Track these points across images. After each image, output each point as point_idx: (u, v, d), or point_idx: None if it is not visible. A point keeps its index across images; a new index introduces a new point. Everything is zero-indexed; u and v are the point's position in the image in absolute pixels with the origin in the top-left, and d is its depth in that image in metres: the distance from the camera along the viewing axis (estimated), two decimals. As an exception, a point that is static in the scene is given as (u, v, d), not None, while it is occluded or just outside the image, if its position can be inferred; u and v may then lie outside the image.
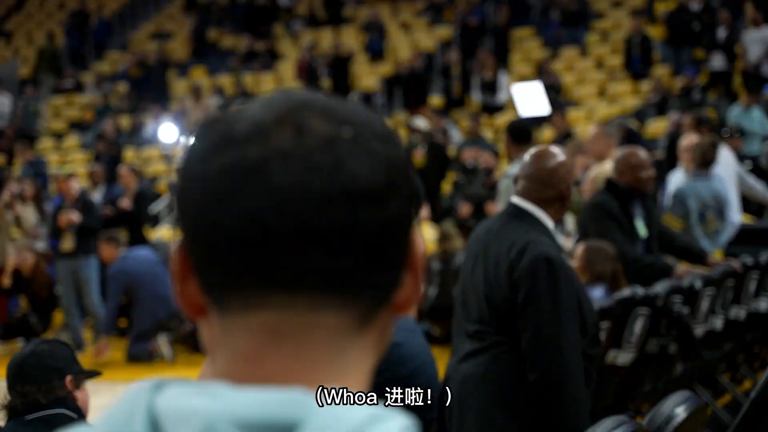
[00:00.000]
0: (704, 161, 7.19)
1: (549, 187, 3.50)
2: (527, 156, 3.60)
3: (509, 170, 6.83)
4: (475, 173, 10.02)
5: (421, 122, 13.28)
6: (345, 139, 0.85)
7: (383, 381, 4.01)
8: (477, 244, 3.59)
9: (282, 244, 0.83)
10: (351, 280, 0.85)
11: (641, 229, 5.79)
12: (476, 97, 16.34)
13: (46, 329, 10.80)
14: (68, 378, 3.23)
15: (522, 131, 6.81)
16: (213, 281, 0.87)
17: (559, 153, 3.57)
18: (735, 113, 12.39)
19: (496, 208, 8.34)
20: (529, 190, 3.51)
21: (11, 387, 3.24)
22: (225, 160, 0.84)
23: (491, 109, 16.07)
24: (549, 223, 3.50)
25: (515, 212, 3.51)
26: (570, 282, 3.41)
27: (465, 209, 9.25)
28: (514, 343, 3.38)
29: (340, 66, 18.00)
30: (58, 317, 11.07)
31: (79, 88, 21.11)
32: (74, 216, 9.75)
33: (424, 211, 8.12)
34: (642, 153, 5.85)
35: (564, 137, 12.30)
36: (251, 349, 0.85)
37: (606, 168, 6.57)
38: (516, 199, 3.55)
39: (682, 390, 2.97)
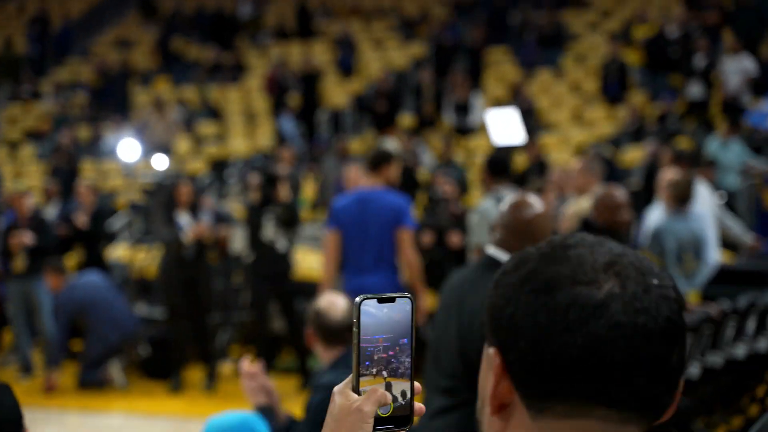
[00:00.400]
0: (681, 199, 7.20)
1: (527, 239, 3.44)
2: (504, 205, 3.54)
3: (481, 204, 6.80)
4: (438, 202, 9.99)
5: (391, 144, 13.22)
6: (655, 286, 1.12)
7: None
8: (451, 295, 3.53)
9: (616, 370, 1.07)
10: (657, 402, 1.10)
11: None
12: (449, 118, 16.33)
13: (-7, 352, 10.62)
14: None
15: (500, 164, 6.80)
16: (539, 391, 1.12)
17: (537, 203, 3.52)
18: (713, 146, 12.44)
19: (457, 239, 8.29)
20: (506, 241, 3.45)
21: None
22: (573, 296, 1.10)
23: (464, 131, 16.07)
24: None
25: (491, 263, 3.45)
26: None
27: (427, 238, 9.19)
28: None
29: (309, 82, 17.93)
30: (7, 338, 10.88)
31: (36, 96, 20.88)
32: (26, 238, 9.59)
33: None
34: (620, 194, 5.83)
35: (537, 164, 12.30)
36: None
37: (583, 206, 6.54)
38: (492, 250, 3.49)
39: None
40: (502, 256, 3.45)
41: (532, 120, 15.46)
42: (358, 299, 1.49)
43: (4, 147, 19.17)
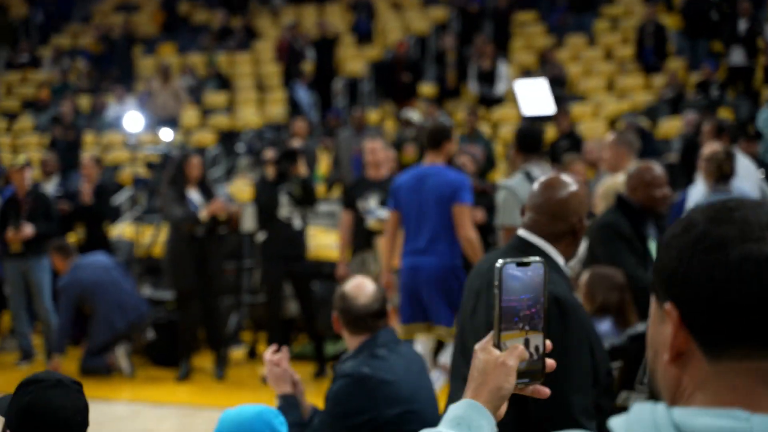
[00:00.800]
0: (721, 175, 7.13)
1: (560, 221, 3.42)
2: (536, 185, 3.51)
3: (507, 181, 6.75)
4: None
5: (415, 114, 13.23)
6: None
7: (365, 422, 3.93)
8: (478, 281, 3.51)
9: None
10: None
11: (655, 252, 5.73)
12: (473, 87, 16.27)
13: (-8, 336, 10.69)
14: None
15: (531, 139, 6.75)
16: (716, 338, 1.35)
17: (571, 182, 3.49)
18: (763, 117, 12.15)
19: (480, 216, 8.25)
20: (537, 223, 3.43)
21: None
22: (744, 252, 1.33)
23: (489, 101, 16.01)
24: (559, 259, 3.42)
25: (521, 246, 3.43)
26: (582, 326, 3.33)
27: None
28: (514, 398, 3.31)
29: (324, 48, 17.89)
30: (5, 322, 10.95)
31: (35, 63, 20.91)
32: (27, 230, 9.62)
33: None
34: (657, 168, 5.79)
35: (567, 136, 12.26)
36: (744, 386, 1.34)
37: (618, 182, 6.50)
38: (522, 232, 3.47)
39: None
40: (534, 239, 3.43)
41: (562, 89, 15.39)
42: (498, 264, 1.84)
43: (1, 118, 19.23)
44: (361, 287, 4.10)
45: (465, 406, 1.97)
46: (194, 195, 9.17)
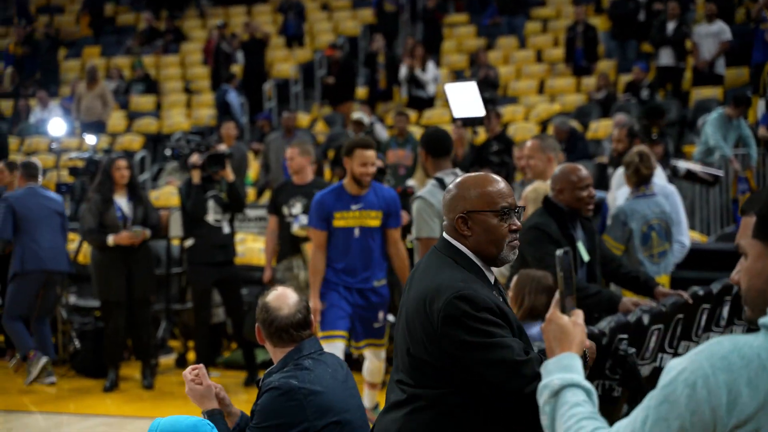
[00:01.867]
0: (640, 178, 7.23)
1: (448, 213, 3.47)
2: (450, 187, 3.54)
3: (421, 192, 6.61)
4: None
5: (364, 116, 13.23)
6: None
7: None
8: (410, 281, 3.52)
9: None
10: None
11: (583, 253, 5.77)
12: (403, 89, 16.32)
13: None
14: None
15: (439, 143, 6.58)
16: None
17: (495, 179, 3.51)
18: (710, 129, 12.08)
19: (407, 219, 8.20)
20: (449, 223, 3.47)
21: None
22: None
23: (419, 103, 16.06)
24: (467, 251, 3.43)
25: (441, 245, 3.46)
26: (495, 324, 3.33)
27: None
28: (435, 394, 3.31)
29: (253, 50, 17.81)
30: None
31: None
32: None
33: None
34: (582, 170, 5.83)
35: (498, 138, 12.32)
36: None
37: (546, 185, 6.53)
38: (445, 235, 3.49)
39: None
40: (446, 235, 3.44)
41: (494, 91, 15.49)
42: (559, 252, 2.69)
43: None
44: (283, 298, 4.06)
45: (565, 356, 2.46)
46: (122, 201, 9.08)
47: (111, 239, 8.90)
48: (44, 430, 8.00)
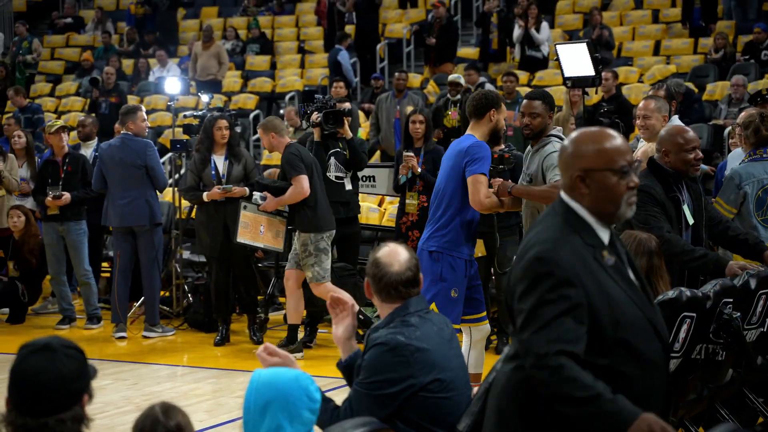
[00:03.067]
0: (759, 139, 7.03)
1: (563, 172, 3.44)
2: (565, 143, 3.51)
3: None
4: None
5: (461, 78, 13.19)
6: None
7: (402, 390, 3.94)
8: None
9: None
10: None
11: (689, 216, 5.68)
12: (516, 50, 16.17)
13: (34, 300, 10.84)
14: (85, 397, 2.89)
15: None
16: None
17: (572, 134, 3.49)
18: None
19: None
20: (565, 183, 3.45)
21: (21, 412, 2.81)
22: None
23: (533, 63, 15.89)
24: (581, 210, 3.40)
25: (556, 203, 3.45)
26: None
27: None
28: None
29: (367, 10, 17.82)
30: (46, 285, 11.10)
31: (78, 26, 21.05)
32: (64, 197, 9.78)
33: None
34: (690, 131, 5.73)
35: (613, 98, 12.14)
36: None
37: (652, 147, 6.44)
38: (562, 194, 3.50)
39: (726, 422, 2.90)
40: (561, 193, 3.42)
41: (609, 52, 15.25)
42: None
43: (44, 81, 19.41)
44: (394, 254, 4.06)
45: None
46: (219, 159, 9.26)
47: (205, 195, 9.09)
48: (158, 381, 8.22)
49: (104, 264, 11.33)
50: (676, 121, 7.16)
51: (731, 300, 5.18)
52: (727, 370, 5.46)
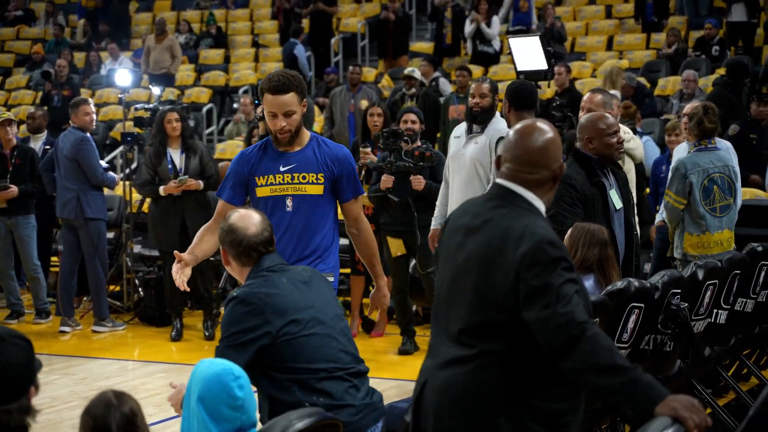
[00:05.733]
0: (702, 131, 7.12)
1: (541, 168, 3.36)
2: (511, 134, 3.46)
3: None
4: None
5: (417, 72, 13.20)
6: None
7: (261, 336, 3.94)
8: (459, 231, 3.46)
9: None
10: None
11: (616, 201, 5.70)
12: (468, 45, 16.20)
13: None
14: (32, 389, 2.81)
15: (525, 95, 6.65)
16: None
17: (547, 129, 3.44)
18: None
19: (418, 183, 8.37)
20: (517, 173, 3.38)
21: None
22: None
23: (485, 58, 15.92)
24: (540, 205, 3.39)
25: (503, 194, 3.39)
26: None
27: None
28: (508, 349, 3.25)
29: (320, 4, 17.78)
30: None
31: (28, 18, 20.81)
32: (12, 190, 9.69)
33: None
34: (608, 117, 5.74)
35: (566, 92, 12.20)
36: None
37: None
38: (502, 181, 3.42)
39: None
40: (515, 187, 3.37)
41: (562, 46, 15.31)
42: None
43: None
44: (248, 218, 4.14)
45: None
46: (175, 153, 9.21)
47: (161, 189, 9.06)
48: (106, 376, 8.15)
49: (53, 258, 11.20)
50: None
51: (679, 291, 5.22)
52: (675, 360, 5.50)
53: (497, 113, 7.33)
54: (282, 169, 4.95)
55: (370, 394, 4.12)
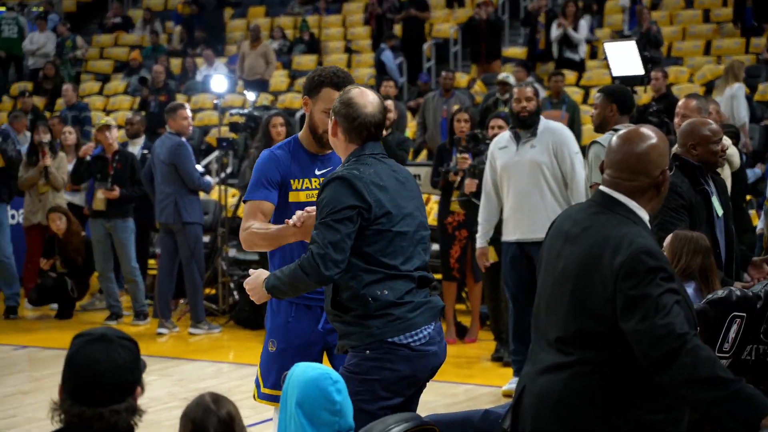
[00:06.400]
0: None
1: (641, 175, 3.33)
2: (614, 140, 3.43)
3: (602, 137, 6.63)
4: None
5: (512, 78, 13.13)
6: None
7: (356, 215, 3.93)
8: (559, 237, 3.44)
9: None
10: None
11: (718, 208, 5.61)
12: (554, 49, 16.06)
13: (82, 295, 10.94)
14: (138, 390, 2.90)
15: (629, 100, 6.65)
16: None
17: (650, 134, 3.38)
18: None
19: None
20: (618, 180, 3.35)
21: (76, 401, 2.80)
22: None
23: (569, 65, 15.76)
24: (643, 214, 3.35)
25: (604, 202, 3.37)
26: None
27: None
28: (605, 358, 3.22)
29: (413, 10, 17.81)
30: (94, 282, 11.20)
31: (126, 25, 21.21)
32: (115, 192, 9.89)
33: None
34: (713, 123, 5.64)
35: (663, 97, 12.04)
36: None
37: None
38: (605, 189, 3.40)
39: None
40: (617, 195, 3.33)
41: (658, 51, 15.10)
42: None
43: (93, 80, 19.58)
44: (366, 96, 4.08)
45: None
46: None
47: None
48: (203, 378, 8.26)
49: (151, 261, 11.41)
50: None
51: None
52: (778, 371, 5.38)
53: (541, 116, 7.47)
54: (317, 173, 4.59)
55: (427, 296, 4.13)
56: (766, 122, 13.15)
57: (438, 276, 9.41)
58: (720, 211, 5.58)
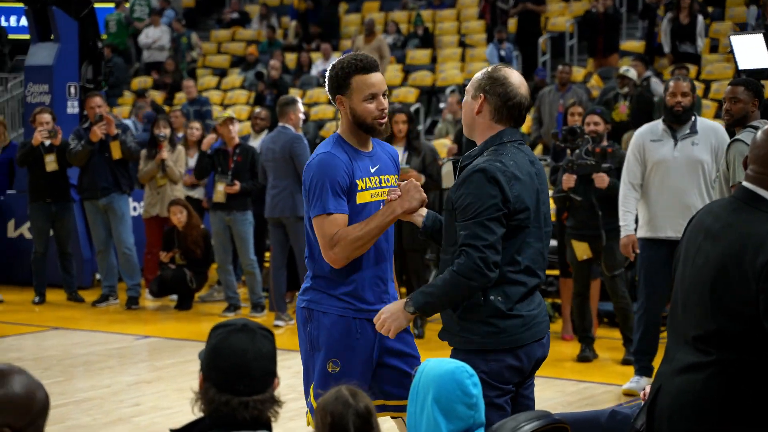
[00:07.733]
0: None
1: None
2: (758, 135, 3.31)
3: (742, 134, 6.44)
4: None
5: (632, 72, 12.90)
6: None
7: (504, 214, 3.83)
8: (700, 232, 3.34)
9: None
10: None
11: None
12: (665, 42, 15.71)
13: (201, 287, 11.09)
14: (276, 381, 2.89)
15: (763, 93, 6.47)
16: None
17: None
18: None
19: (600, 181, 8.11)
20: (762, 176, 3.24)
21: (221, 389, 2.80)
22: None
23: (684, 58, 15.41)
24: None
25: (747, 199, 3.26)
26: None
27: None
28: (745, 359, 3.13)
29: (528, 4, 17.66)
30: (212, 273, 11.35)
31: (243, 20, 21.48)
32: (236, 186, 10.00)
33: None
34: None
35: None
36: None
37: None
38: (748, 185, 3.29)
39: None
40: (761, 191, 3.23)
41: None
42: None
43: (211, 74, 19.87)
44: (519, 78, 3.94)
45: None
46: (399, 152, 9.22)
47: None
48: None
49: (267, 254, 11.51)
50: None
51: None
52: None
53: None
54: (372, 170, 4.31)
55: (538, 305, 3.98)
56: None
57: (555, 272, 9.29)
58: None
